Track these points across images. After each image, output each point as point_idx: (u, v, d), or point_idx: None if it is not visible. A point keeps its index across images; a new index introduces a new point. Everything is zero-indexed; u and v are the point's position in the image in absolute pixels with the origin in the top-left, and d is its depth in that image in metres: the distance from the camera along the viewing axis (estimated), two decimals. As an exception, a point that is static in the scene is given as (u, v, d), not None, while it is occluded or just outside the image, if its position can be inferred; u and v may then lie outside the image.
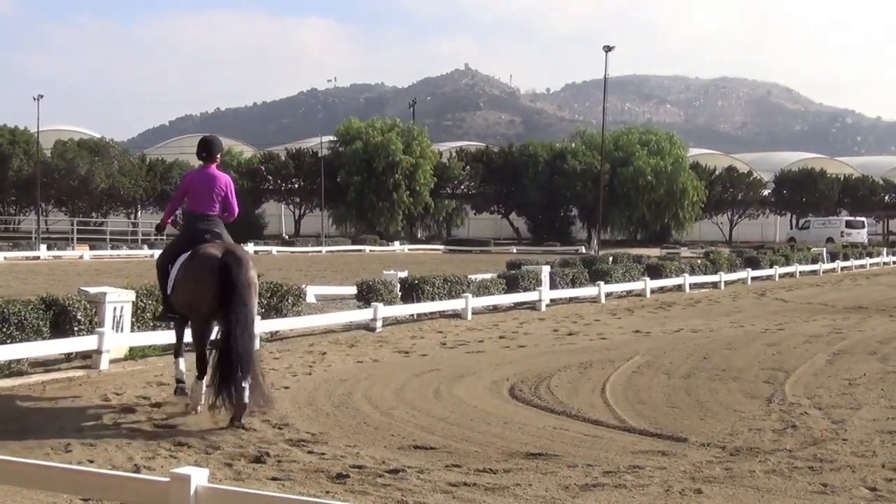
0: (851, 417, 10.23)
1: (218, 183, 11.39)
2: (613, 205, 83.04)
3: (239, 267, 10.25)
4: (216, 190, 11.34)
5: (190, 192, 11.49)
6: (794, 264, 41.89)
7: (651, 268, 31.25)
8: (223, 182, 11.47)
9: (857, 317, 23.15)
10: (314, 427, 9.60)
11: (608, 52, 65.38)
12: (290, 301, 17.12)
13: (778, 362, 14.55)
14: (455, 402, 11.04)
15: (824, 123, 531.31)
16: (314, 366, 13.83)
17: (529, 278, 24.23)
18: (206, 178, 11.42)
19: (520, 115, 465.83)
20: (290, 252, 60.80)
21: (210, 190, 11.33)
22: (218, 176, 11.46)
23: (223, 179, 11.51)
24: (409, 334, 18.04)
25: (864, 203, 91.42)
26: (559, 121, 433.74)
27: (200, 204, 11.32)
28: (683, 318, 22.42)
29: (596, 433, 9.46)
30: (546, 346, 16.64)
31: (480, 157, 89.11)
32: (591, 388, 12.00)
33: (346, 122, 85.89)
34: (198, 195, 11.36)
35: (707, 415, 10.43)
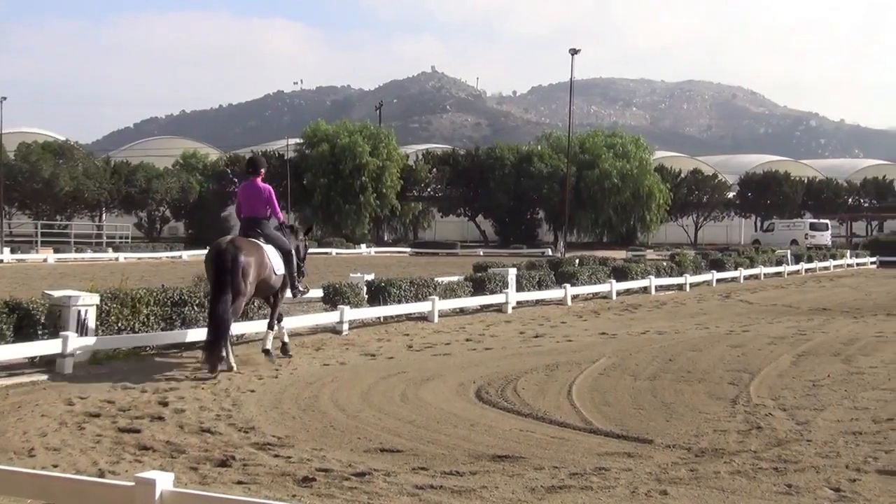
0: (815, 418, 10.30)
1: (261, 192, 15.04)
2: (580, 207, 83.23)
3: (234, 251, 13.52)
4: (261, 197, 15.01)
5: (240, 201, 15.20)
6: (759, 266, 42.14)
7: (617, 270, 31.32)
8: (266, 191, 15.09)
9: (821, 318, 23.31)
10: (280, 430, 9.58)
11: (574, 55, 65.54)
12: (256, 304, 17.04)
13: (743, 364, 14.63)
14: (422, 405, 11.03)
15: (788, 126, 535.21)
16: (280, 369, 13.80)
17: (496, 281, 24.24)
18: (253, 188, 15.08)
19: (486, 117, 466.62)
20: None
21: (257, 197, 15.02)
22: (261, 186, 15.07)
23: (266, 188, 15.13)
24: (376, 337, 18.02)
25: (828, 205, 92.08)
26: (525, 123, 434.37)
27: (249, 209, 15.06)
28: (649, 321, 22.50)
29: (562, 435, 9.48)
30: (513, 349, 16.65)
31: (447, 160, 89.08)
32: (558, 390, 12.02)
33: (312, 125, 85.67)
34: (246, 202, 15.08)
35: (672, 416, 10.48)
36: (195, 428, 9.58)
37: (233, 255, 13.53)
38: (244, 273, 13.63)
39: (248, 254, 13.79)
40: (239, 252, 13.63)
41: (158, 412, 10.36)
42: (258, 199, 15.06)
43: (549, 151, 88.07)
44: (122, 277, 16.59)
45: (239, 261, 13.52)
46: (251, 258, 13.81)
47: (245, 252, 13.73)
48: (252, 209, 15.06)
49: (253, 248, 14.11)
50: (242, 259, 13.58)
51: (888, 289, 36.25)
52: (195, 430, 9.46)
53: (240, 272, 13.53)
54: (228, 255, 13.50)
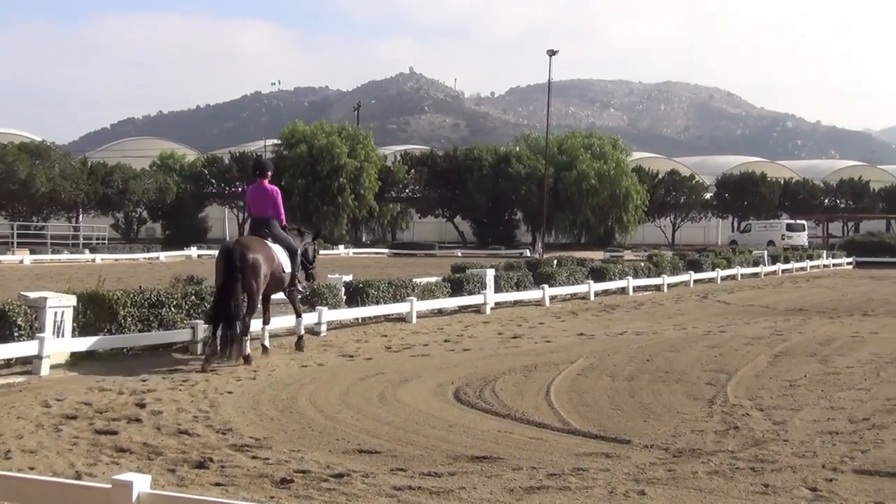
0: (792, 418, 10.34)
1: (268, 193, 15.92)
2: (557, 208, 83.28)
3: (241, 249, 14.43)
4: (269, 199, 15.88)
5: (249, 201, 16.39)
6: (736, 267, 42.31)
7: (595, 271, 31.40)
8: (273, 192, 15.96)
9: (798, 319, 23.42)
10: (258, 432, 9.56)
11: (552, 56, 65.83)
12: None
13: (720, 364, 14.68)
14: (400, 406, 11.03)
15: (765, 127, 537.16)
16: (258, 370, 13.77)
17: (474, 282, 24.25)
18: (261, 190, 15.98)
19: (464, 118, 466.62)
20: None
21: (264, 199, 15.90)
22: (268, 188, 15.97)
23: (272, 190, 16.02)
24: (354, 338, 18.01)
25: (805, 206, 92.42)
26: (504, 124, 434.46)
27: (257, 210, 16.04)
28: (627, 321, 22.56)
29: (540, 436, 9.49)
30: (491, 350, 16.67)
31: (425, 161, 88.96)
32: (536, 391, 12.03)
33: (290, 126, 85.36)
34: (254, 203, 16.06)
35: (650, 417, 10.50)
36: (172, 429, 9.55)
37: (241, 253, 14.37)
38: (254, 270, 14.46)
39: (256, 251, 14.67)
40: (247, 250, 14.52)
41: (135, 414, 10.32)
42: (265, 200, 15.95)
43: (527, 152, 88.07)
44: (99, 279, 16.48)
45: (247, 258, 14.38)
46: (259, 255, 14.65)
47: (253, 250, 14.63)
48: (260, 210, 16.01)
49: (260, 245, 15.02)
50: (251, 256, 14.44)
51: (864, 289, 36.45)
52: (172, 432, 9.43)
53: (249, 269, 14.37)
54: (236, 253, 14.37)
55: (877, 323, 22.54)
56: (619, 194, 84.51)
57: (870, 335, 19.36)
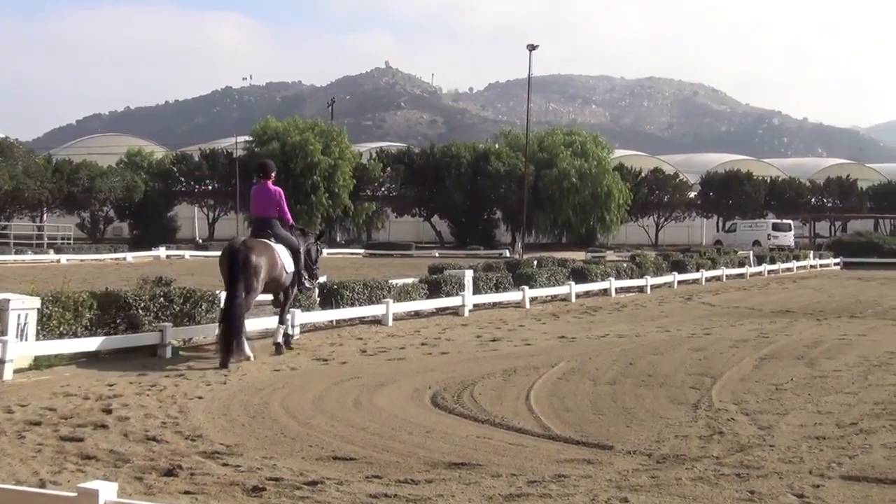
0: (778, 423, 10.37)
1: (272, 194, 16.68)
2: (538, 207, 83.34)
3: (246, 251, 15.16)
4: (272, 199, 16.67)
5: (253, 202, 16.92)
6: (721, 268, 42.44)
7: (577, 272, 31.45)
8: (277, 193, 16.74)
9: (784, 321, 23.51)
10: (229, 438, 9.53)
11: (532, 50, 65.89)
12: (203, 308, 16.97)
13: (704, 367, 14.72)
14: (375, 412, 11.02)
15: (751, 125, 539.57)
16: (229, 374, 13.74)
17: (452, 283, 24.26)
18: (264, 190, 16.71)
19: (442, 114, 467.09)
20: (204, 256, 60.12)
21: (268, 199, 16.69)
22: (272, 189, 16.72)
23: (276, 191, 16.78)
24: (328, 341, 17.99)
25: (791, 205, 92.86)
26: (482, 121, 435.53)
27: (260, 210, 16.79)
28: (609, 323, 22.59)
29: (520, 442, 9.49)
30: (469, 353, 16.67)
31: (401, 159, 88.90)
32: (516, 396, 12.04)
33: (262, 122, 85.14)
34: (258, 203, 16.79)
35: (633, 422, 10.52)
36: (140, 436, 9.51)
37: (244, 255, 15.16)
38: (255, 271, 15.25)
39: (260, 253, 15.47)
40: (250, 252, 15.27)
41: (102, 420, 10.27)
42: (269, 200, 16.76)
43: (506, 150, 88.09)
44: (64, 280, 16.46)
45: (251, 260, 15.18)
46: (262, 258, 15.46)
47: (256, 252, 15.40)
48: (263, 210, 16.81)
49: (264, 247, 15.78)
50: (254, 258, 15.24)
51: (851, 290, 36.64)
52: (140, 439, 9.39)
53: (251, 271, 15.17)
54: (240, 255, 15.16)
55: (865, 325, 22.64)
56: (600, 193, 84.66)
57: (857, 338, 19.43)
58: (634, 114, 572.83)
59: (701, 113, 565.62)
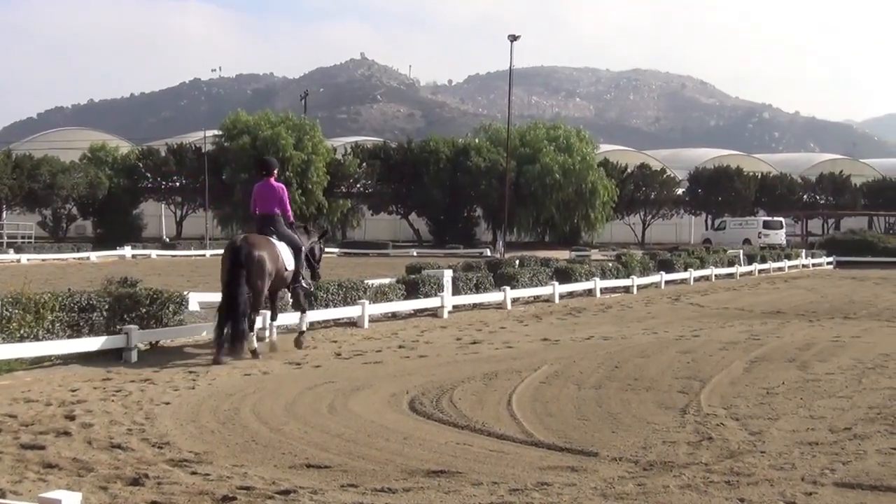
0: (770, 428, 10.41)
1: (274, 191, 17.40)
2: (520, 204, 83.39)
3: (248, 247, 15.74)
4: (275, 196, 17.36)
5: (255, 199, 17.51)
6: (710, 267, 42.56)
7: (560, 272, 31.49)
8: (279, 190, 17.49)
9: (776, 322, 23.60)
10: (198, 446, 9.51)
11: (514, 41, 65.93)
12: (171, 309, 16.92)
13: (693, 371, 14.77)
14: (351, 417, 11.01)
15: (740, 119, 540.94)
16: (198, 379, 13.70)
17: (430, 283, 24.25)
18: (267, 187, 17.41)
19: (420, 108, 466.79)
20: (172, 256, 60.12)
21: (271, 196, 17.36)
22: (275, 186, 17.45)
23: (279, 188, 17.52)
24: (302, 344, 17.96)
25: (783, 202, 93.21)
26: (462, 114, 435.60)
27: (263, 207, 17.40)
28: (594, 325, 22.63)
29: (502, 448, 9.50)
30: (448, 356, 16.68)
31: (378, 154, 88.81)
32: (497, 401, 12.05)
33: (232, 115, 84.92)
34: (261, 200, 17.44)
35: (619, 427, 10.54)
36: (105, 444, 9.48)
37: (247, 252, 15.74)
38: (259, 268, 15.84)
39: (261, 249, 16.04)
40: (252, 248, 15.86)
41: (65, 427, 10.24)
42: (272, 197, 17.42)
43: (487, 145, 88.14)
44: (25, 280, 16.35)
45: (253, 256, 15.77)
46: (264, 253, 16.03)
47: (258, 248, 15.99)
48: (266, 207, 17.42)
49: (265, 243, 16.37)
50: (256, 254, 15.83)
51: (845, 290, 36.79)
52: (105, 446, 9.36)
53: (254, 267, 15.76)
54: (243, 251, 15.73)
55: (858, 326, 22.74)
56: (585, 190, 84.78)
57: (851, 339, 19.52)
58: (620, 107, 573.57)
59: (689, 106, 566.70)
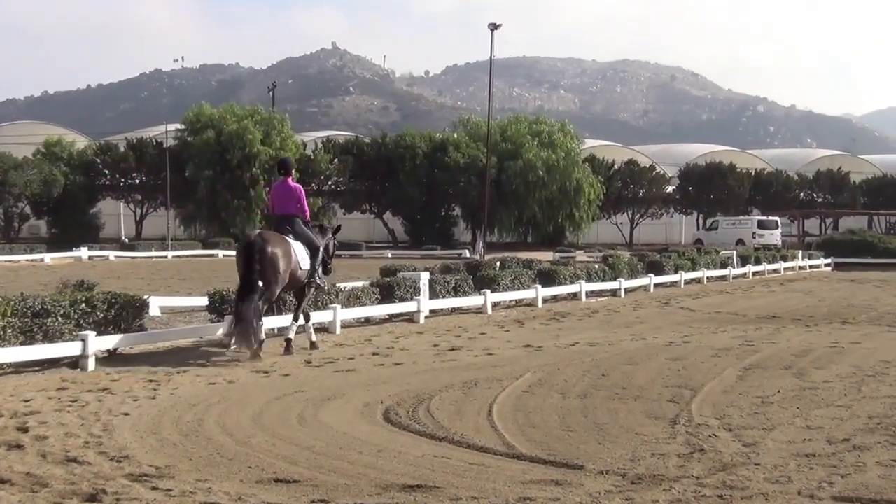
0: (764, 439, 10.43)
1: (292, 191, 18.49)
2: (501, 203, 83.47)
3: (262, 243, 16.76)
4: (292, 196, 18.45)
5: (273, 199, 18.86)
6: (702, 269, 42.62)
7: (543, 274, 31.48)
8: (297, 190, 18.57)
9: (771, 327, 23.66)
10: (159, 459, 9.48)
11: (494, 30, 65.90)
12: (130, 314, 16.87)
13: (684, 379, 14.79)
14: (322, 429, 11.00)
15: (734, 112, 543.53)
16: (159, 388, 13.65)
17: (406, 286, 24.23)
18: (285, 187, 18.57)
19: (395, 100, 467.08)
20: (131, 258, 60.02)
21: (289, 196, 18.47)
22: (292, 186, 18.57)
23: (296, 188, 18.62)
24: (269, 351, 17.91)
25: (778, 200, 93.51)
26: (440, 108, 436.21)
27: (281, 207, 18.53)
28: (579, 331, 22.67)
29: (482, 461, 9.50)
30: (425, 364, 16.67)
31: (350, 149, 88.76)
32: (477, 411, 12.05)
33: (195, 108, 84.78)
34: (278, 201, 18.60)
35: (606, 439, 10.55)
36: (60, 457, 9.45)
37: (260, 247, 16.72)
38: (273, 264, 16.84)
39: (275, 246, 17.04)
40: (266, 244, 16.86)
41: (17, 439, 10.19)
42: (290, 197, 18.51)
43: (466, 140, 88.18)
44: (-26, 284, 16.31)
45: (266, 252, 16.74)
46: (278, 249, 17.01)
47: (272, 244, 16.98)
48: (284, 207, 18.53)
49: (280, 240, 17.39)
50: (269, 250, 16.80)
51: (844, 294, 36.92)
52: (60, 460, 9.33)
53: (268, 263, 16.74)
54: (256, 246, 16.72)
55: (858, 332, 22.82)
56: (569, 187, 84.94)
57: (850, 345, 19.59)
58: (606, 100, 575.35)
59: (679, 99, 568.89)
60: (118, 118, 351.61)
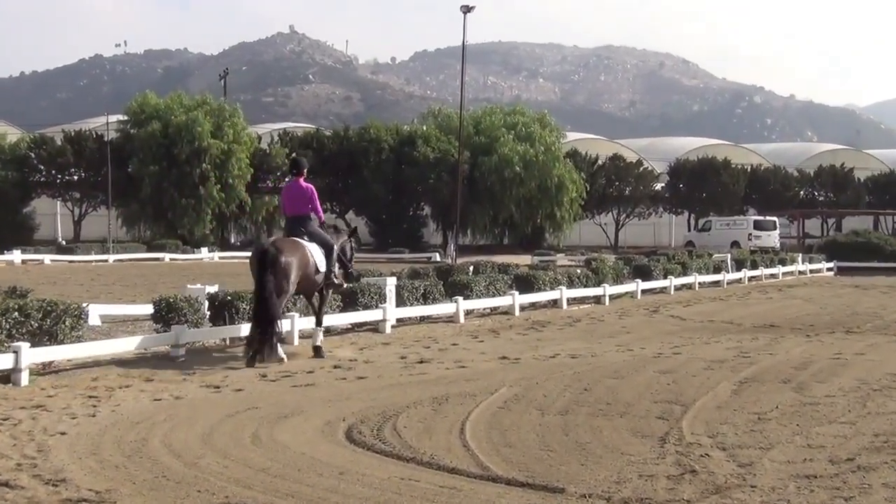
0: (761, 459, 10.46)
1: (304, 191, 19.82)
2: (474, 202, 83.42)
3: (275, 252, 17.99)
4: (304, 196, 19.78)
5: (285, 200, 20.30)
6: (693, 274, 42.81)
7: (521, 279, 31.52)
8: (309, 190, 19.91)
9: (768, 337, 23.76)
10: (99, 483, 9.44)
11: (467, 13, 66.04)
12: (67, 324, 16.79)
13: (674, 394, 14.83)
14: (278, 449, 10.98)
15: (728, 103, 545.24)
16: (99, 405, 13.61)
17: (371, 293, 24.21)
18: (297, 188, 19.92)
19: (358, 89, 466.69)
20: (69, 262, 59.74)
21: (300, 196, 19.81)
22: (304, 186, 19.88)
23: (308, 188, 19.94)
24: (221, 364, 17.90)
25: (776, 199, 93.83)
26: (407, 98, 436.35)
27: (293, 208, 19.86)
28: (560, 341, 22.72)
29: (453, 484, 9.50)
30: (392, 378, 16.68)
31: (309, 143, 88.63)
32: (448, 429, 12.05)
33: (139, 98, 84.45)
34: (290, 201, 19.97)
35: (589, 459, 10.57)
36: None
37: (273, 256, 17.97)
38: (285, 272, 18.05)
39: (290, 254, 18.32)
40: (280, 253, 18.09)
41: (-58, 462, 10.15)
42: (301, 197, 19.83)
43: (436, 133, 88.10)
44: None
45: (279, 261, 17.96)
46: (292, 258, 18.30)
47: (286, 252, 18.25)
48: (296, 208, 19.86)
49: (294, 247, 18.70)
50: (283, 259, 18.04)
51: (847, 301, 37.09)
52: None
53: (281, 272, 17.96)
54: (269, 255, 17.99)
55: (863, 342, 22.93)
56: (549, 185, 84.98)
57: (854, 357, 19.67)
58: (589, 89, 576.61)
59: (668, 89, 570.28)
60: (54, 108, 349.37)
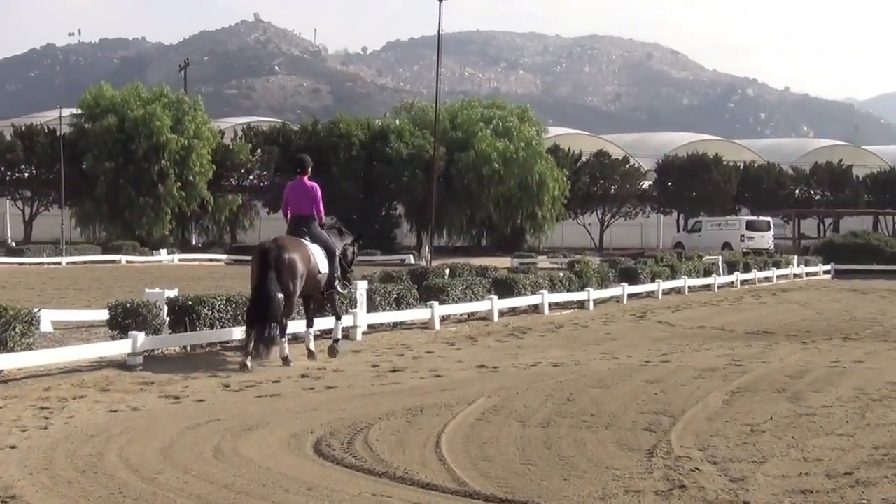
0: (755, 473, 10.48)
1: (308, 191, 20.28)
2: (451, 201, 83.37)
3: (278, 250, 18.34)
4: (308, 196, 20.24)
5: (289, 199, 20.58)
6: (683, 277, 42.89)
7: (500, 283, 31.52)
8: (313, 189, 20.30)
9: (762, 344, 23.81)
10: (51, 500, 9.42)
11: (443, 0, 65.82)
12: (18, 330, 16.73)
13: (662, 404, 14.85)
14: (242, 464, 10.97)
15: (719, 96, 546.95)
16: (52, 417, 13.56)
17: (340, 298, 24.19)
18: (301, 187, 20.37)
19: (327, 81, 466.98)
20: (19, 264, 59.55)
21: (304, 196, 20.28)
22: (308, 185, 20.30)
23: (313, 187, 20.32)
24: (181, 373, 17.85)
25: (770, 198, 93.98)
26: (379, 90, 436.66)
27: (296, 208, 20.35)
28: (541, 348, 22.72)
29: (428, 500, 9.50)
30: (363, 387, 16.66)
31: (275, 138, 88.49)
32: (423, 442, 12.05)
33: (94, 90, 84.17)
34: (294, 201, 20.39)
35: (572, 473, 10.57)
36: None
37: (276, 254, 18.30)
38: (290, 270, 18.40)
39: (292, 251, 18.63)
40: (283, 250, 18.42)
41: None
42: (305, 197, 20.29)
43: (410, 127, 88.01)
44: None
45: (283, 258, 18.30)
46: (295, 255, 18.61)
47: (289, 250, 18.57)
48: (299, 207, 20.33)
49: (296, 245, 19.04)
50: (286, 256, 18.37)
51: (845, 305, 37.20)
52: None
53: (286, 269, 18.30)
54: (272, 253, 18.32)
55: (861, 349, 22.97)
56: (530, 183, 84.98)
57: (853, 365, 19.72)
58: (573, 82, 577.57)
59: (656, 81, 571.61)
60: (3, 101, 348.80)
